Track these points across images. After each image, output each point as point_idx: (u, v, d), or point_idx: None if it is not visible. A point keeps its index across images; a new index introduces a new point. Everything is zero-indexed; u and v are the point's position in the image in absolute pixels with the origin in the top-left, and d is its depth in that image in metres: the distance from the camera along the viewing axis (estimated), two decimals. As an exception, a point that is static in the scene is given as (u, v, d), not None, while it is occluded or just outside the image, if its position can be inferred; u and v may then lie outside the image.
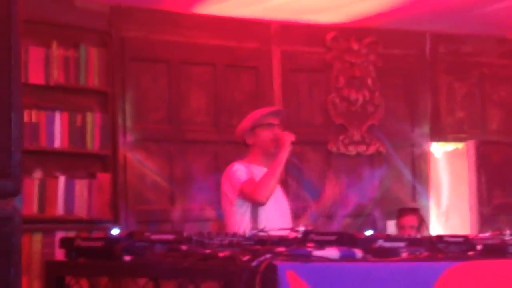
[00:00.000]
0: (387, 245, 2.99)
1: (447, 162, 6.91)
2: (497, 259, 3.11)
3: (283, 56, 6.38)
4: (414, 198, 6.63)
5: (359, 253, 2.85)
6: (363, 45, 6.61)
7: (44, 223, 5.34)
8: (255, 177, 4.42)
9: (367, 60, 6.63)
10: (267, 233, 3.19)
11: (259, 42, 6.31)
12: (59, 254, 3.62)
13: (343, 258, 2.78)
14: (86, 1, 5.69)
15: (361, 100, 6.59)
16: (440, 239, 3.26)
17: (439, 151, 6.90)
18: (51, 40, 5.50)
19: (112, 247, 2.93)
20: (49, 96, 5.48)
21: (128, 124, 5.75)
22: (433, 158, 6.85)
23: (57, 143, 5.47)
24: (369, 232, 3.20)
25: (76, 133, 5.54)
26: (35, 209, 5.33)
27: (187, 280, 2.72)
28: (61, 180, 5.46)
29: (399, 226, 6.02)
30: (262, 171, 4.45)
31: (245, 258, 2.56)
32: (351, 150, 6.52)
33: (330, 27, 6.48)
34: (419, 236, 3.51)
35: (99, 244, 3.06)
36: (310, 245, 2.87)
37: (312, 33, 6.46)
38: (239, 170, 4.45)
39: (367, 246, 2.92)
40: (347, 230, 4.03)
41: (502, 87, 7.11)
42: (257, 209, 4.38)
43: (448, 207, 6.87)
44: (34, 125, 5.38)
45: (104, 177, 5.59)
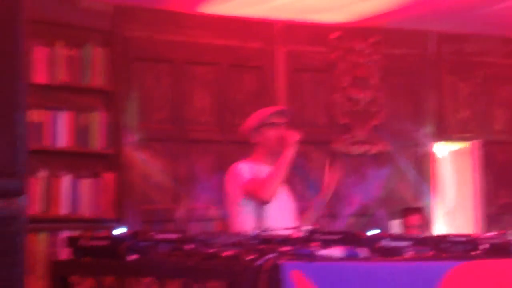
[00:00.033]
0: (392, 244, 2.99)
1: (452, 161, 6.91)
2: (502, 258, 3.11)
3: (287, 56, 6.38)
4: (419, 197, 6.62)
5: (363, 252, 2.85)
6: (367, 44, 6.61)
7: (48, 223, 5.35)
8: (259, 176, 4.42)
9: (371, 59, 6.63)
10: (271, 233, 3.19)
11: (263, 41, 6.31)
12: (64, 253, 3.62)
13: (347, 257, 2.78)
14: (90, 1, 5.69)
15: (365, 100, 6.59)
16: (445, 238, 3.26)
17: (443, 150, 6.90)
18: (55, 40, 5.52)
19: (116, 246, 2.93)
20: (53, 96, 5.49)
21: (133, 124, 5.76)
22: (438, 158, 6.85)
23: (61, 143, 5.48)
24: (374, 232, 3.20)
25: (80, 132, 5.55)
26: (39, 208, 5.34)
27: (192, 279, 2.72)
28: (66, 179, 5.47)
29: (404, 225, 6.01)
30: (266, 170, 4.44)
31: (250, 258, 2.56)
32: (355, 150, 6.52)
33: (334, 26, 6.48)
34: (423, 235, 3.50)
35: (103, 243, 3.07)
36: (314, 244, 2.87)
37: (316, 32, 6.46)
38: (243, 169, 4.45)
39: (371, 245, 2.92)
40: (351, 230, 4.03)
41: (507, 87, 7.09)
42: (261, 209, 4.37)
43: (453, 206, 6.86)
44: (39, 124, 5.39)
45: (108, 177, 5.60)
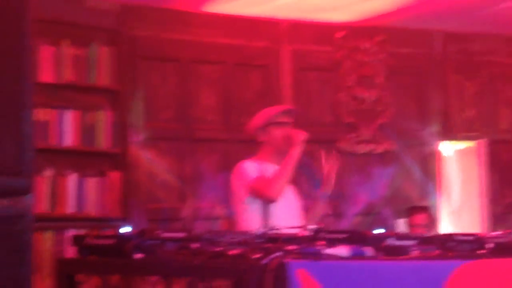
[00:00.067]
0: (397, 243, 2.99)
1: (457, 161, 6.90)
2: (508, 257, 3.11)
3: (293, 55, 6.38)
4: (424, 196, 6.62)
5: (369, 251, 2.85)
6: (373, 43, 6.60)
7: (55, 221, 5.36)
8: (265, 174, 4.41)
9: (377, 58, 6.62)
10: (277, 231, 3.19)
11: (269, 40, 6.31)
12: (70, 252, 3.63)
13: (353, 256, 2.78)
14: (96, 0, 5.70)
15: (370, 99, 6.58)
16: (450, 237, 3.25)
17: (449, 150, 6.89)
18: (61, 39, 5.53)
19: (123, 245, 2.93)
20: (59, 95, 5.50)
21: (139, 123, 5.76)
22: (443, 157, 6.84)
23: (67, 142, 5.49)
24: (379, 230, 3.20)
25: (87, 131, 5.55)
26: (46, 207, 5.35)
27: (198, 278, 2.72)
28: (72, 178, 5.48)
29: (409, 224, 6.01)
30: (272, 169, 4.44)
31: (256, 256, 2.56)
32: (361, 148, 6.52)
33: (340, 25, 6.47)
34: (429, 234, 3.50)
35: (110, 242, 3.07)
36: (320, 243, 2.87)
37: (321, 31, 6.45)
38: (249, 168, 4.45)
39: (377, 244, 2.92)
40: (357, 228, 4.03)
41: (512, 86, 7.10)
42: (267, 207, 4.37)
43: (459, 205, 6.86)
44: (45, 123, 5.40)
45: (114, 176, 5.61)
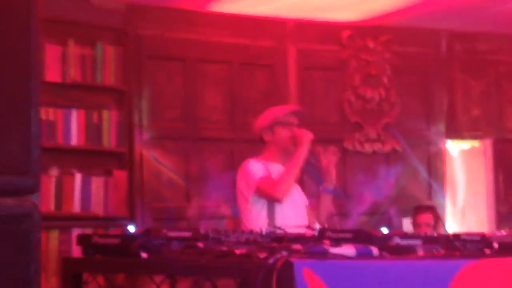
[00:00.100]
0: (403, 243, 2.99)
1: (463, 160, 6.89)
2: (514, 257, 3.10)
3: (299, 54, 6.38)
4: (430, 196, 6.61)
5: (375, 250, 2.85)
6: (379, 43, 6.60)
7: (60, 220, 5.37)
8: (271, 174, 4.41)
9: (383, 58, 6.62)
10: (283, 231, 3.19)
11: (275, 40, 6.31)
12: (76, 251, 3.63)
13: (359, 255, 2.78)
14: (103, -1, 5.72)
15: (376, 98, 6.58)
16: (456, 237, 3.25)
17: (455, 149, 6.88)
18: (67, 38, 5.53)
19: (128, 244, 2.93)
20: (65, 94, 5.51)
21: (144, 122, 5.77)
22: (449, 156, 6.83)
23: (73, 141, 5.49)
24: (384, 230, 3.19)
25: (93, 130, 5.56)
26: (51, 206, 5.36)
27: (204, 277, 2.72)
28: (78, 177, 5.48)
29: (415, 224, 5.99)
30: (278, 169, 4.43)
31: (262, 256, 2.56)
32: (367, 148, 6.51)
33: (346, 25, 6.47)
34: (435, 234, 3.49)
35: (115, 241, 3.07)
36: (326, 242, 2.87)
37: (327, 31, 6.45)
38: (255, 167, 4.43)
39: (383, 244, 2.92)
40: (363, 228, 4.02)
41: (518, 86, 7.08)
42: (273, 207, 4.36)
43: (465, 205, 6.85)
44: (51, 122, 5.40)
45: (120, 175, 5.62)
